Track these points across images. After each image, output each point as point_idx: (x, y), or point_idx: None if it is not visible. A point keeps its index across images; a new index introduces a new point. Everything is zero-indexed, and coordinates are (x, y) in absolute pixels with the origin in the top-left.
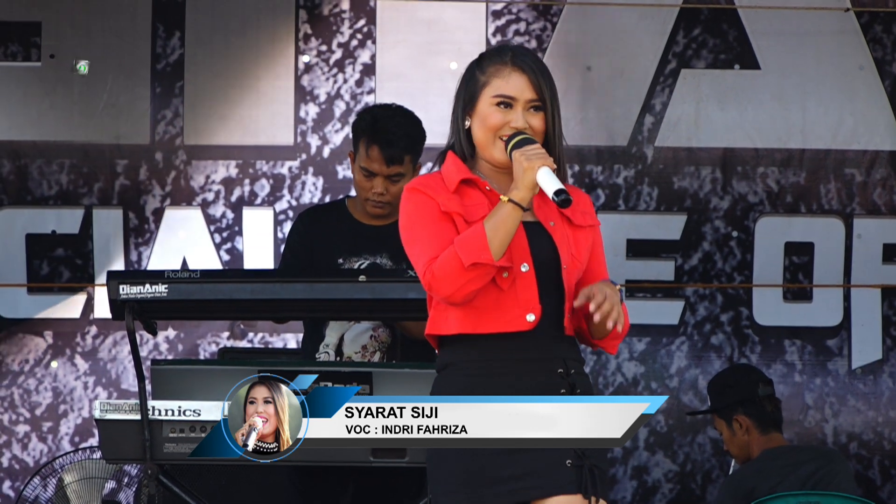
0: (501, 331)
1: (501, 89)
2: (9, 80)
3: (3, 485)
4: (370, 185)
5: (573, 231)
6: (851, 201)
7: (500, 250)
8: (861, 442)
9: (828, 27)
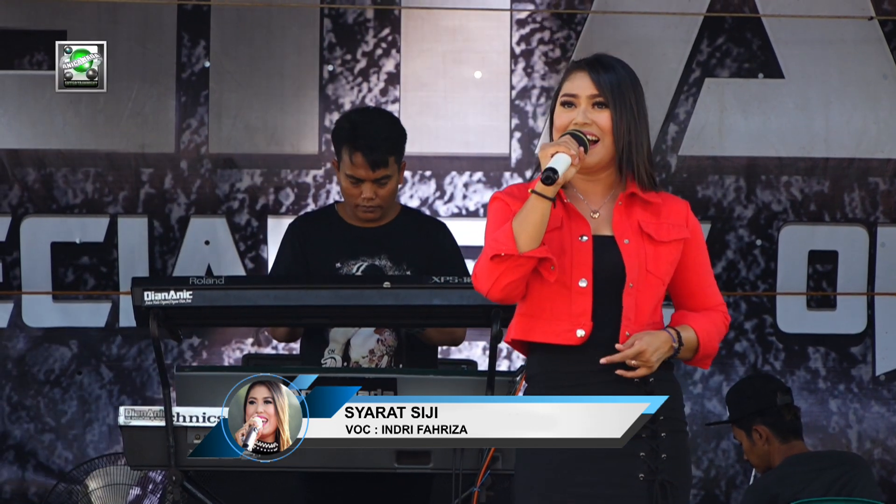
0: (552, 342)
1: (566, 89)
2: (34, 89)
3: (30, 491)
4: (358, 192)
5: (654, 247)
6: (875, 210)
7: (529, 242)
8: (885, 448)
9: (851, 36)
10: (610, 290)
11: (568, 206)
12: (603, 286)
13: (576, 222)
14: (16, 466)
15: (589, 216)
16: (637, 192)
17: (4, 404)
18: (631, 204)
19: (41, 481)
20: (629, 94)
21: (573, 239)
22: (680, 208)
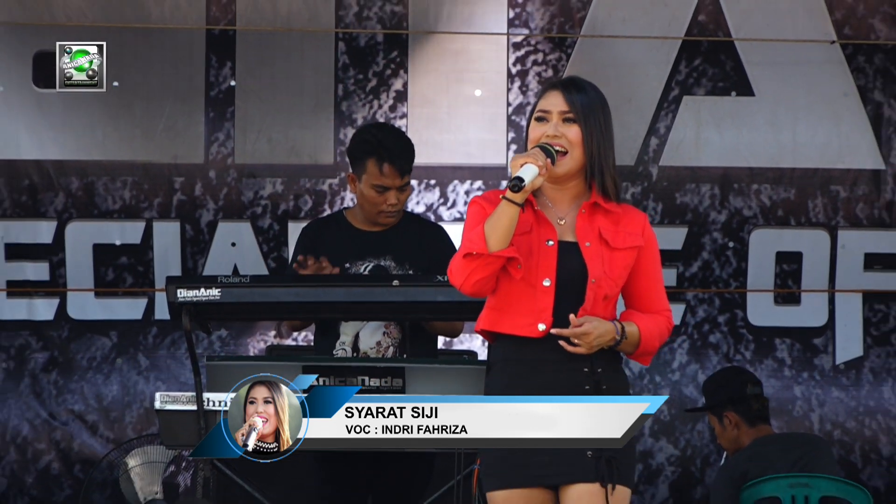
0: (516, 334)
1: (540, 106)
2: (77, 105)
3: (74, 468)
4: (383, 199)
5: (610, 252)
6: (836, 215)
7: (498, 243)
8: (844, 429)
9: (815, 58)
10: (570, 290)
11: (538, 213)
12: (565, 286)
13: (544, 228)
14: (62, 445)
15: (556, 223)
16: (600, 202)
17: (52, 388)
18: (594, 212)
19: (85, 458)
20: (598, 113)
21: (541, 243)
22: (638, 220)
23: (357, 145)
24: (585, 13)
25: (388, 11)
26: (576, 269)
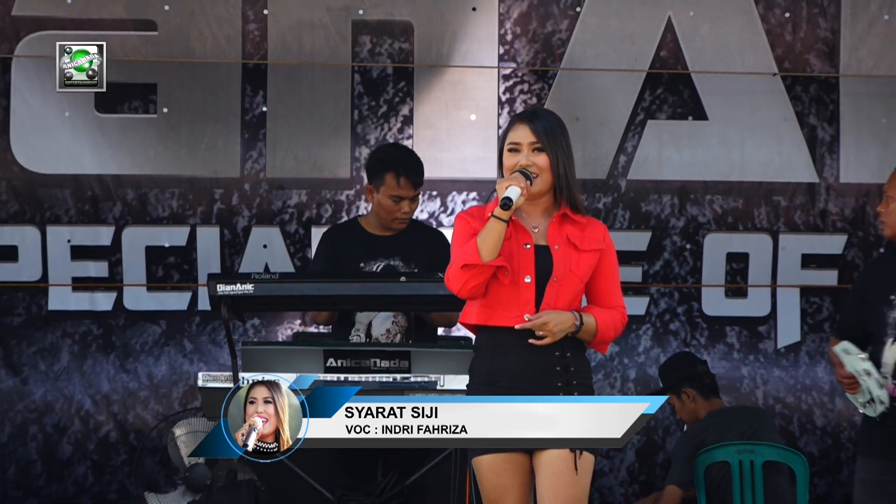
0: (507, 325)
1: (511, 138)
2: (133, 128)
3: (129, 437)
4: (398, 208)
5: (577, 254)
6: (777, 221)
7: (489, 253)
8: (784, 404)
9: (760, 88)
10: (542, 286)
11: (515, 222)
12: (542, 282)
13: (521, 234)
14: (119, 416)
15: (531, 230)
16: (568, 213)
17: (111, 368)
18: (563, 222)
19: (138, 428)
20: (560, 139)
21: (519, 246)
22: (600, 228)
23: (377, 162)
24: (564, 49)
25: (397, 48)
26: (550, 267)
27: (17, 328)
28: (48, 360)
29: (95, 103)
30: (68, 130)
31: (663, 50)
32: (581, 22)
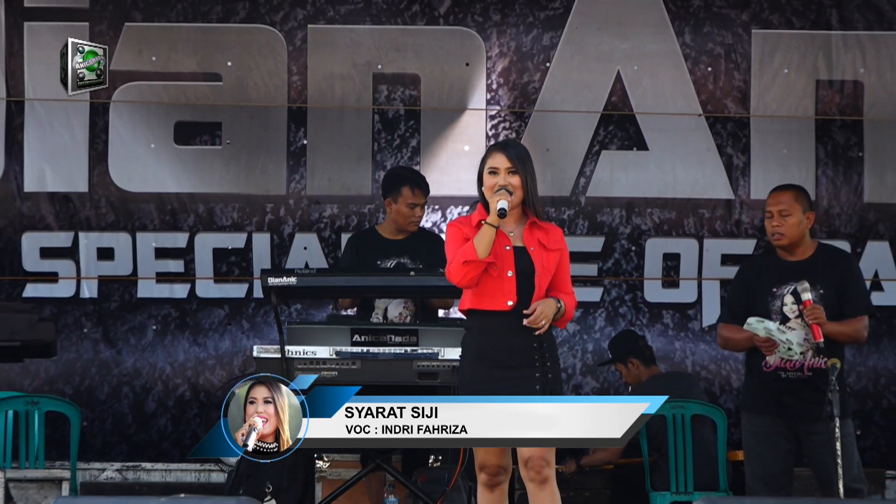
0: (494, 309)
1: (490, 164)
2: (203, 157)
3: (200, 395)
4: (413, 213)
5: (546, 253)
6: (702, 229)
7: (483, 252)
8: (707, 370)
9: (688, 125)
10: (524, 278)
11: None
12: (520, 276)
13: (502, 238)
14: (192, 380)
15: (508, 234)
16: (536, 221)
17: (185, 342)
18: (532, 228)
19: (207, 389)
20: (528, 163)
21: (502, 248)
22: (559, 232)
23: (394, 179)
24: (537, 95)
25: (407, 95)
26: (526, 264)
27: (113, 311)
28: (137, 336)
29: (174, 137)
30: (153, 158)
31: (614, 96)
32: (550, 74)
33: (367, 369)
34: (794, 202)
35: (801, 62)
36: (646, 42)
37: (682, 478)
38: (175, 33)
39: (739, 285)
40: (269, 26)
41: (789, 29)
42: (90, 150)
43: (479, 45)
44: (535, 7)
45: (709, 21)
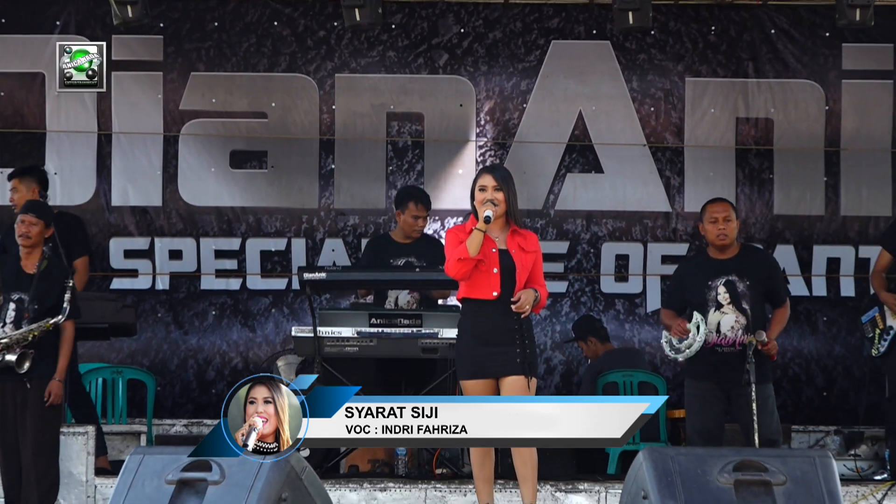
0: (483, 298)
1: (480, 183)
2: (253, 178)
3: (250, 366)
4: (416, 223)
5: (524, 254)
6: (647, 235)
7: (473, 252)
8: (651, 346)
9: (636, 154)
10: (506, 274)
11: (486, 235)
12: (504, 272)
13: (489, 243)
14: (244, 353)
15: (495, 239)
16: (516, 229)
17: (238, 324)
18: (514, 234)
19: (256, 361)
20: (510, 184)
21: (489, 250)
22: (535, 237)
23: (403, 195)
24: (516, 129)
25: (414, 129)
26: (509, 263)
27: (181, 300)
28: (200, 319)
29: (230, 163)
30: (213, 179)
31: (577, 130)
32: (526, 113)
33: (382, 346)
34: (731, 211)
35: (724, 103)
36: (602, 87)
37: None
38: (230, 80)
39: (676, 281)
40: (305, 75)
41: (715, 77)
42: (163, 172)
43: (470, 90)
44: (514, 60)
45: (651, 71)
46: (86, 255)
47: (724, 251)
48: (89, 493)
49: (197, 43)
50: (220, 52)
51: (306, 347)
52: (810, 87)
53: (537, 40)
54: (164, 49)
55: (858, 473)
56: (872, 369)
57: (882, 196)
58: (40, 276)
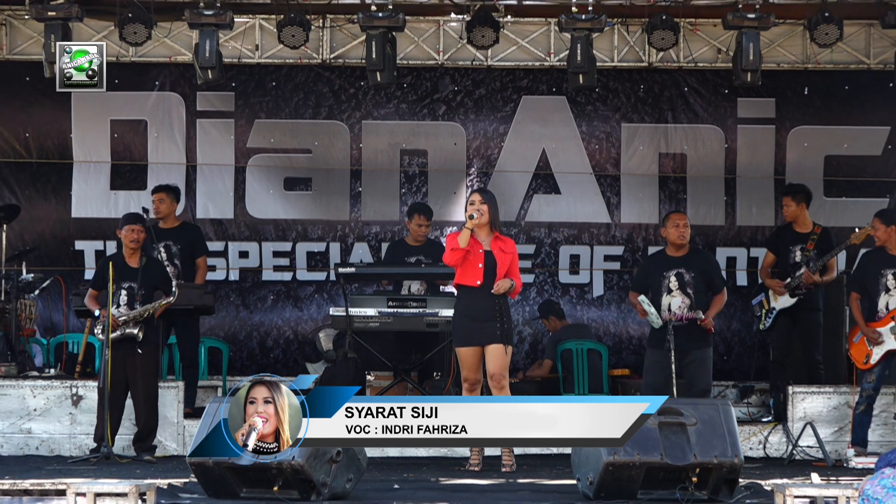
0: (470, 285)
1: (471, 199)
2: (301, 198)
3: (298, 337)
4: (420, 229)
5: (503, 255)
6: (592, 240)
7: (463, 244)
8: (596, 323)
9: (584, 180)
10: (488, 269)
11: (474, 238)
12: (486, 267)
13: (477, 244)
14: (294, 328)
15: (482, 241)
16: (498, 236)
17: (290, 306)
18: (496, 240)
19: (303, 333)
20: (493, 201)
21: (476, 250)
22: (512, 242)
23: (411, 209)
24: (496, 162)
25: (420, 162)
26: (491, 260)
27: (247, 288)
28: (261, 302)
29: (283, 186)
30: (271, 199)
31: (541, 162)
32: (503, 150)
33: (397, 322)
34: (687, 220)
35: (649, 142)
36: (559, 130)
37: (581, 386)
38: (284, 125)
39: (641, 271)
40: (339, 121)
41: (643, 123)
42: (234, 193)
43: (462, 133)
44: (494, 110)
45: (596, 118)
46: (204, 255)
47: (679, 250)
48: (179, 432)
49: (259, 98)
50: (277, 104)
51: (340, 323)
52: (714, 130)
53: (511, 96)
54: (236, 102)
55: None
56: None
57: (767, 211)
58: (143, 270)
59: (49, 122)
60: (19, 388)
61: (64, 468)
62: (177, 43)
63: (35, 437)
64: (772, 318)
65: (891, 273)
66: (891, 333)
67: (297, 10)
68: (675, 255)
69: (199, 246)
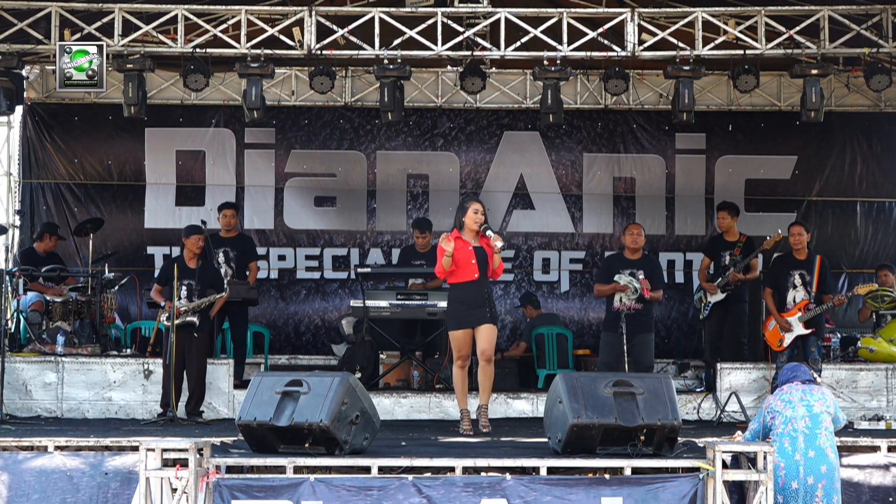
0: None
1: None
2: (328, 212)
3: (326, 324)
4: (420, 241)
5: (488, 248)
6: (560, 247)
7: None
8: (563, 312)
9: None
10: (481, 264)
11: (464, 240)
12: (479, 261)
13: (466, 243)
14: (323, 316)
15: (471, 241)
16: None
17: (319, 299)
18: (482, 239)
19: (330, 321)
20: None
21: (466, 249)
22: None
23: (415, 223)
24: (484, 182)
25: (423, 183)
26: (482, 254)
27: (284, 284)
28: (296, 296)
29: (314, 203)
30: (304, 213)
31: (519, 184)
32: (489, 174)
33: (404, 311)
34: (643, 230)
35: (606, 168)
36: (533, 159)
37: (551, 362)
38: (315, 155)
39: (604, 268)
40: (359, 151)
41: (600, 153)
42: (274, 209)
43: (456, 161)
44: (482, 143)
45: (563, 149)
46: (255, 260)
47: (634, 254)
48: (230, 399)
49: (295, 133)
50: (309, 138)
51: (359, 312)
52: (657, 159)
53: (495, 131)
54: (276, 136)
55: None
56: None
57: (699, 223)
58: (199, 270)
59: (127, 152)
60: (102, 365)
61: (137, 429)
62: (229, 89)
63: (114, 404)
64: (708, 310)
65: (797, 273)
66: (798, 322)
67: (325, 63)
68: (630, 258)
69: (251, 253)
